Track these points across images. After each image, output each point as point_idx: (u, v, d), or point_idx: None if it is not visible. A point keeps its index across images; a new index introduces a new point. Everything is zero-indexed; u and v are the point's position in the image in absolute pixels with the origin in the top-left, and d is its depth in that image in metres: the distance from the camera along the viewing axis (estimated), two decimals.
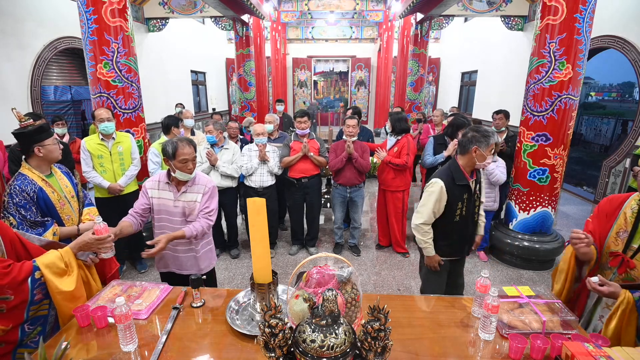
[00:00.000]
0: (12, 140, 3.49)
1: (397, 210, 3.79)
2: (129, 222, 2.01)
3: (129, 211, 2.08)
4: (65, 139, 4.14)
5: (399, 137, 3.64)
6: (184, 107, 6.60)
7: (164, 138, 3.48)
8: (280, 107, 6.15)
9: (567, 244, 1.70)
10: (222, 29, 7.55)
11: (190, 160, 2.00)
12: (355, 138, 3.55)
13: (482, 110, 8.52)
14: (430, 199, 2.13)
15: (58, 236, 1.99)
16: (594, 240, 1.60)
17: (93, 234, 1.61)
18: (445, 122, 4.74)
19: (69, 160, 3.44)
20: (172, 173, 2.05)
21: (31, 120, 2.00)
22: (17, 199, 1.87)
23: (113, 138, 3.21)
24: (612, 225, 1.55)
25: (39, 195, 1.94)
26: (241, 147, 3.80)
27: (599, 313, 1.59)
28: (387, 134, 3.76)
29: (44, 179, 1.99)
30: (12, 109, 2.13)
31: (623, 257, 1.48)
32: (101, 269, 2.26)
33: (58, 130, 4.08)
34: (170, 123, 3.54)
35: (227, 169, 3.51)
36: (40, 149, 1.94)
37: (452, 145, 3.47)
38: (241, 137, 4.39)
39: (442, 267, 2.28)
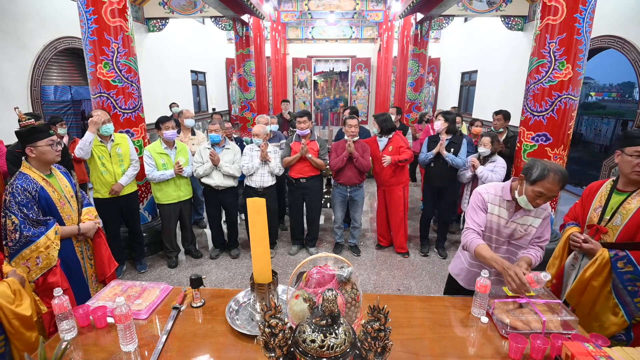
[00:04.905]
0: (12, 140, 3.51)
1: (398, 209, 3.78)
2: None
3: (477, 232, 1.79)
4: (65, 140, 4.12)
5: (390, 136, 3.69)
6: (178, 107, 6.60)
7: (159, 141, 3.48)
8: (284, 107, 6.75)
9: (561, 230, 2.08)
10: (222, 29, 7.55)
11: (542, 197, 1.62)
12: (357, 138, 3.57)
13: (482, 110, 8.52)
14: None
15: (60, 235, 1.99)
16: (579, 221, 1.98)
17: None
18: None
19: (67, 161, 3.43)
20: (512, 192, 1.76)
21: (32, 120, 1.98)
22: (19, 198, 1.86)
23: (112, 140, 3.21)
24: (591, 203, 1.90)
25: (40, 195, 1.94)
26: (241, 148, 3.80)
27: (570, 262, 1.97)
28: (379, 135, 3.81)
29: (44, 179, 1.98)
30: (15, 108, 2.11)
31: (597, 227, 1.83)
32: (100, 269, 2.27)
33: (61, 130, 4.03)
34: (159, 121, 3.49)
35: (229, 168, 3.52)
36: (32, 149, 1.92)
37: (441, 141, 3.62)
38: (236, 137, 4.41)
39: None
